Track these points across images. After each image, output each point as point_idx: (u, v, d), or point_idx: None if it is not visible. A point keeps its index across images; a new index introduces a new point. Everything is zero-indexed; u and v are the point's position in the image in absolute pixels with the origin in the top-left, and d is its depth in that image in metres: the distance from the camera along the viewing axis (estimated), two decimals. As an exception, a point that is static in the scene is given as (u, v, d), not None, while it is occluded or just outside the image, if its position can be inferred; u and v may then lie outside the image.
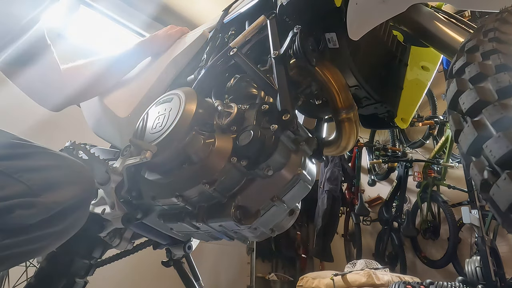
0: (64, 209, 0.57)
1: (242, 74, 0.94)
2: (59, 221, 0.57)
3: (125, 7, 3.44)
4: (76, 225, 0.62)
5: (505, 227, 0.45)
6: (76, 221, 0.61)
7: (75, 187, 0.61)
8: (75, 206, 0.60)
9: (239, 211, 0.72)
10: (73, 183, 0.61)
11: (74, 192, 0.60)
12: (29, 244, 0.55)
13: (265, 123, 0.75)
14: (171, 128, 0.78)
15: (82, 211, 0.62)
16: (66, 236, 0.63)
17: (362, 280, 2.68)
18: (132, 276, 2.82)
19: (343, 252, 4.30)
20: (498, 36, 0.55)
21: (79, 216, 0.62)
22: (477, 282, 2.16)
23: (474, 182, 0.49)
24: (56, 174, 0.59)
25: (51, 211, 0.55)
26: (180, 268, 1.30)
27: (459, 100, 0.52)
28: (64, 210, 0.57)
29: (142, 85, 1.14)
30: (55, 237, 0.59)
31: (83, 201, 0.62)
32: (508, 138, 0.41)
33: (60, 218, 0.57)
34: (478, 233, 2.32)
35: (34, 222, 0.53)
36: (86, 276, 1.09)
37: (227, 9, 1.22)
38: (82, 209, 0.62)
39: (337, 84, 0.89)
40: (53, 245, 0.63)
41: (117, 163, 0.86)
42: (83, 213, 0.63)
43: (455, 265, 3.30)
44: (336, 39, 0.89)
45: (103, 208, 0.94)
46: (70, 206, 0.59)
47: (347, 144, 0.92)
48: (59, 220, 0.57)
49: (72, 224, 0.61)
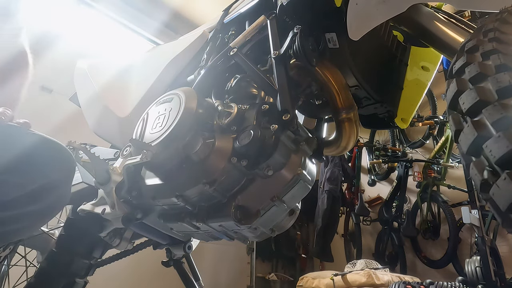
0: (42, 187, 0.57)
1: (242, 74, 0.94)
2: (38, 200, 0.57)
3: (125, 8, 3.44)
4: (57, 205, 0.62)
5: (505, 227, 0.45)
6: (57, 200, 0.61)
7: (50, 165, 0.60)
8: (54, 185, 0.59)
9: (239, 211, 0.72)
10: (47, 161, 0.60)
11: (49, 170, 0.60)
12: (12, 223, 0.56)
13: (265, 123, 0.75)
14: (171, 128, 0.77)
15: (63, 190, 0.62)
16: (48, 216, 0.63)
17: (362, 280, 2.68)
18: (132, 276, 2.82)
19: (343, 252, 4.30)
20: (498, 36, 0.55)
21: (60, 195, 0.61)
22: (477, 282, 2.16)
23: (474, 182, 0.49)
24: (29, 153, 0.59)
25: (23, 190, 0.55)
26: (180, 268, 1.30)
27: (459, 100, 0.52)
28: (42, 188, 0.57)
29: (142, 85, 1.14)
30: (36, 216, 0.60)
31: (62, 178, 0.62)
32: (508, 138, 0.41)
33: (39, 196, 0.57)
34: (478, 233, 2.32)
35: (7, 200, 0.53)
36: (86, 276, 1.09)
37: (227, 9, 1.22)
38: (62, 188, 0.62)
39: (337, 84, 0.89)
40: (36, 225, 0.64)
41: (117, 163, 0.86)
42: (63, 192, 0.62)
43: (455, 265, 3.30)
44: (336, 39, 0.89)
45: (103, 208, 0.94)
46: (48, 184, 0.58)
47: (347, 144, 0.92)
48: (38, 198, 0.57)
49: (53, 203, 0.60)
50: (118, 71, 1.38)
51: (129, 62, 1.40)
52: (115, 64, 1.46)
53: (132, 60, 1.42)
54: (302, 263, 4.67)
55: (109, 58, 1.61)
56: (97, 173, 0.85)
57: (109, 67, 1.44)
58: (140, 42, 3.65)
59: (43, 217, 0.62)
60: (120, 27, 3.51)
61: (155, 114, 0.87)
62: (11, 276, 1.40)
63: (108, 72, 1.39)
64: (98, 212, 0.93)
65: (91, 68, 1.42)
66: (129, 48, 3.67)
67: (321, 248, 3.79)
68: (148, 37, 3.65)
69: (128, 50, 3.66)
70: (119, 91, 1.17)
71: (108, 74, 1.38)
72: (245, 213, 0.73)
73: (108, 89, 1.27)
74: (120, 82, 1.28)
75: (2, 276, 1.34)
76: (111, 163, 0.88)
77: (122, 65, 1.41)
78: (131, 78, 1.20)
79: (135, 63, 1.37)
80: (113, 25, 3.47)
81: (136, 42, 3.64)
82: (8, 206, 0.55)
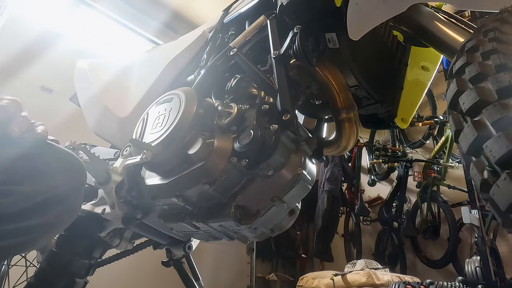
0: (49, 199, 0.55)
1: (242, 74, 0.94)
2: (45, 211, 0.54)
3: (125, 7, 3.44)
4: (66, 216, 0.58)
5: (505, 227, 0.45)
6: (67, 212, 0.58)
7: (61, 176, 0.57)
8: (62, 196, 0.56)
9: (239, 211, 0.72)
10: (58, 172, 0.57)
11: (59, 181, 0.57)
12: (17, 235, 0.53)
13: (265, 123, 0.75)
14: (172, 128, 0.77)
15: (72, 202, 0.58)
16: (57, 228, 0.59)
17: (362, 280, 2.68)
18: (132, 276, 2.82)
19: (343, 252, 4.30)
20: (498, 36, 0.55)
21: (69, 207, 0.58)
22: (477, 282, 2.16)
23: (474, 182, 0.49)
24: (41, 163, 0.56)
25: (32, 200, 0.53)
26: (180, 268, 1.30)
27: (459, 100, 0.52)
28: (49, 199, 0.55)
29: (142, 85, 1.14)
30: (44, 229, 0.56)
31: (72, 190, 0.58)
32: (508, 138, 0.41)
33: (46, 208, 0.54)
34: (478, 233, 2.32)
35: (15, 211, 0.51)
36: (86, 276, 1.08)
37: (227, 9, 1.22)
38: (71, 199, 0.58)
39: (337, 84, 0.89)
40: (44, 238, 0.59)
41: (117, 163, 0.86)
42: (73, 203, 0.59)
43: (455, 265, 3.29)
44: (336, 39, 0.88)
45: (103, 208, 0.94)
46: (55, 195, 0.55)
47: (347, 144, 0.92)
48: (45, 210, 0.54)
49: (62, 215, 0.57)
50: (118, 71, 1.38)
51: (129, 62, 1.40)
52: (115, 64, 1.46)
53: (132, 60, 1.42)
54: (302, 263, 4.66)
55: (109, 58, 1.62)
56: (97, 173, 0.85)
57: (109, 67, 1.44)
58: (140, 42, 3.66)
59: (51, 229, 0.59)
60: (120, 27, 3.51)
61: (155, 114, 0.87)
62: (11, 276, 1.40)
63: (108, 72, 1.39)
64: (98, 212, 0.93)
65: (91, 68, 1.42)
66: (129, 48, 3.68)
67: (321, 248, 3.79)
68: (148, 37, 3.65)
69: (128, 50, 3.66)
70: (119, 91, 1.17)
71: (108, 74, 1.38)
72: (245, 213, 0.73)
73: (108, 89, 1.27)
74: (120, 82, 1.28)
75: (2, 276, 1.34)
76: (111, 163, 0.88)
77: (122, 65, 1.41)
78: (131, 78, 1.20)
79: (135, 63, 1.37)
80: (113, 25, 3.47)
81: (136, 42, 3.65)
82: (16, 218, 0.52)
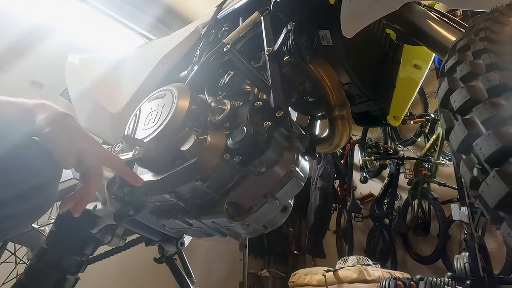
0: (34, 187, 0.59)
1: (235, 70, 0.93)
2: (29, 198, 0.60)
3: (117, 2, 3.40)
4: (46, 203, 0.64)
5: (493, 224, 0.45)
6: (47, 198, 0.63)
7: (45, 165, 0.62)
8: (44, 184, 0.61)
9: (232, 208, 0.72)
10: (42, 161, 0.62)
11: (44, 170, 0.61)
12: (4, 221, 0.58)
13: (258, 120, 0.75)
14: (164, 124, 0.77)
15: (52, 189, 0.64)
16: (38, 214, 0.65)
17: (353, 276, 2.71)
18: (124, 272, 2.81)
19: (335, 248, 4.34)
20: (489, 35, 0.56)
21: (49, 194, 0.63)
22: (466, 278, 2.20)
23: (464, 179, 0.49)
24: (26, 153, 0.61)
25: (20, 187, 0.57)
26: (173, 265, 1.30)
27: (450, 98, 0.52)
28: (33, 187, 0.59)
29: (134, 80, 1.12)
30: (27, 215, 0.62)
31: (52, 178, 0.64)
32: (498, 136, 0.42)
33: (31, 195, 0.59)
34: (467, 229, 2.36)
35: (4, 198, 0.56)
36: (77, 273, 1.08)
37: (221, 4, 1.21)
38: (51, 186, 0.64)
39: (330, 81, 0.89)
40: (26, 223, 0.65)
41: (109, 159, 0.85)
42: (52, 190, 0.64)
43: (444, 261, 3.34)
44: (329, 36, 0.89)
45: (94, 205, 0.94)
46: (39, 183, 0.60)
47: (339, 142, 0.92)
48: (29, 197, 0.59)
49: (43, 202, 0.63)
50: (110, 66, 1.36)
51: (121, 57, 1.39)
52: (107, 59, 1.44)
53: (124, 55, 1.40)
54: (294, 259, 4.69)
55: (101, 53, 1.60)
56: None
57: (101, 62, 1.42)
58: (132, 37, 3.61)
59: (33, 215, 0.65)
60: (112, 21, 3.46)
61: (147, 110, 0.86)
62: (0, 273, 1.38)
63: (99, 67, 1.37)
64: (89, 208, 0.93)
65: (82, 63, 1.40)
66: (121, 43, 3.63)
67: (313, 245, 3.82)
68: (140, 32, 3.61)
69: (120, 45, 3.62)
70: (111, 87, 1.15)
71: (99, 69, 1.36)
72: (238, 209, 0.73)
73: (99, 85, 1.25)
74: (112, 77, 1.26)
75: (-9, 273, 1.32)
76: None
77: (114, 60, 1.40)
78: (123, 74, 1.19)
79: (127, 58, 1.36)
80: (105, 20, 3.42)
81: (128, 37, 3.60)
82: (2, 205, 0.57)
